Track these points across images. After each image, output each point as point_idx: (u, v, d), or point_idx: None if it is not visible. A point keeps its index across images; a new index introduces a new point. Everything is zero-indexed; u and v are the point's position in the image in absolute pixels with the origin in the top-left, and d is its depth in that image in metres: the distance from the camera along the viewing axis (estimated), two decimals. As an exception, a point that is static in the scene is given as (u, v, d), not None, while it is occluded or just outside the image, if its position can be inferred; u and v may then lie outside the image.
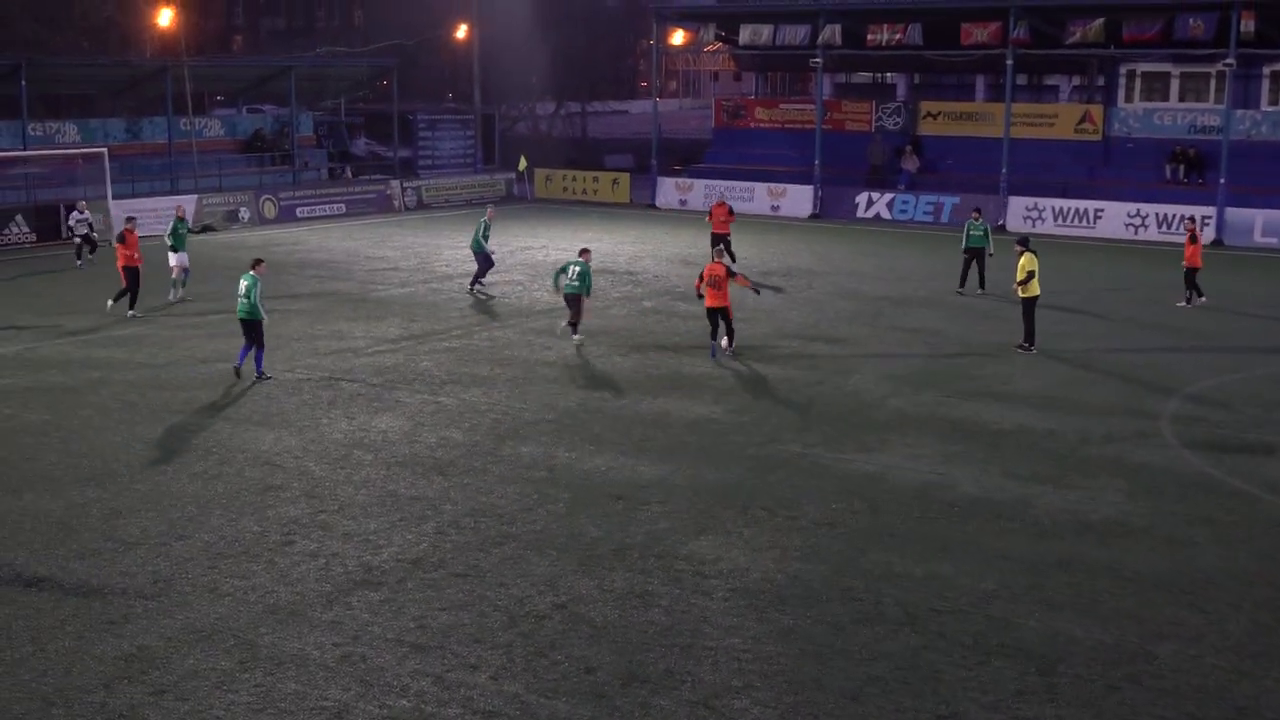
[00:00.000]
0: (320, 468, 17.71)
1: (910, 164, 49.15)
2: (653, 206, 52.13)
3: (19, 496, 16.44)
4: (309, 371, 23.29)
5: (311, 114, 57.79)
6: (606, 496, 16.54)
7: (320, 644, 12.31)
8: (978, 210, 32.94)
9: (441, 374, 23.16)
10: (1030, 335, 25.01)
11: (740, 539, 15.08)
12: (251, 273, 22.81)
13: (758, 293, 28.35)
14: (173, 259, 30.77)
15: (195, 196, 45.10)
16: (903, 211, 47.37)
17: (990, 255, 31.34)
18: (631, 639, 12.46)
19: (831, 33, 48.05)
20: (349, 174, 55.16)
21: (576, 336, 25.70)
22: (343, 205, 49.45)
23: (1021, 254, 24.91)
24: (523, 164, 55.07)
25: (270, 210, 46.67)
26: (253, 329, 22.45)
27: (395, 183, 52.53)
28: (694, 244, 40.78)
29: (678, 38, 58.68)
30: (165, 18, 56.22)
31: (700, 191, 51.59)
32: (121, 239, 28.35)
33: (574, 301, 25.71)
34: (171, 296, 30.46)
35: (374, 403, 21.13)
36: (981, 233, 31.44)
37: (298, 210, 47.59)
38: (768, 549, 14.76)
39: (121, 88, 52.43)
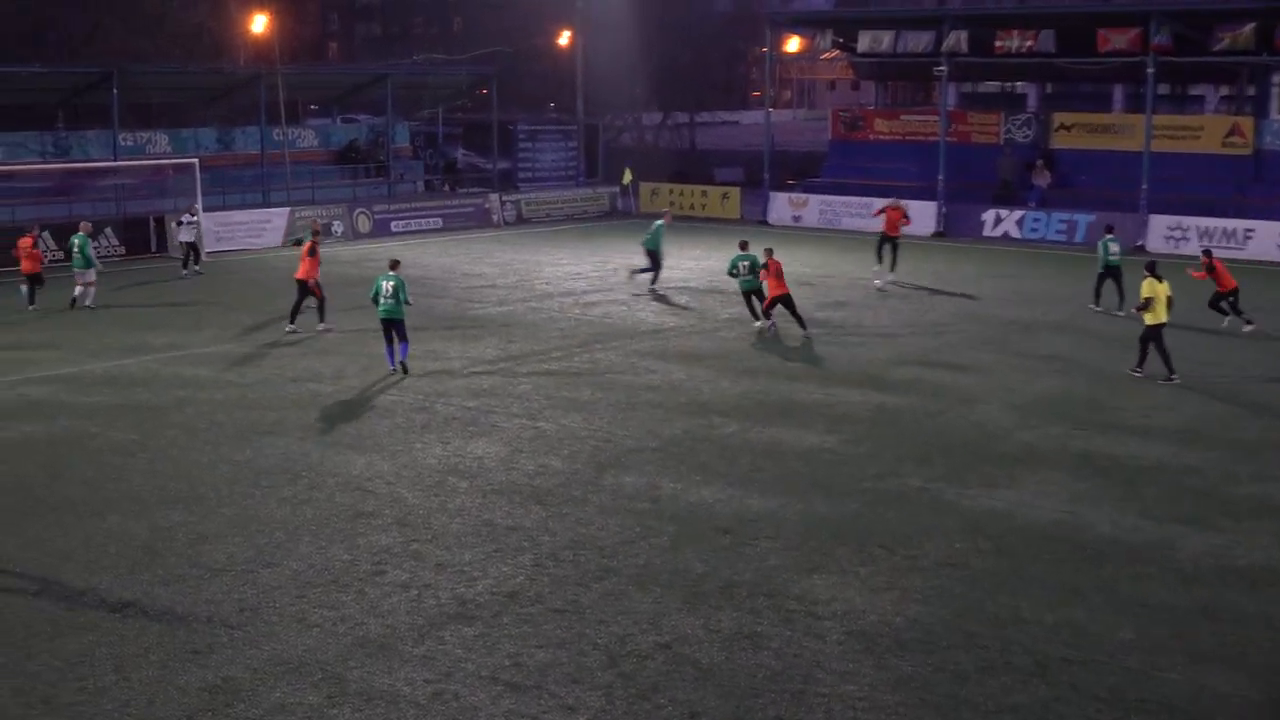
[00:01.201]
0: (413, 494, 17.87)
1: (1042, 179, 48.57)
2: (765, 223, 52.00)
3: (103, 518, 16.78)
4: (402, 393, 23.54)
5: (408, 124, 58.55)
6: (713, 530, 16.49)
7: (411, 680, 12.39)
8: (1110, 227, 32.52)
9: (540, 398, 23.28)
10: (1165, 363, 24.61)
11: (856, 578, 14.94)
12: (393, 273, 25.01)
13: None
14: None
15: (287, 209, 45.89)
16: (1033, 230, 46.79)
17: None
18: (739, 683, 12.39)
19: (957, 39, 47.67)
20: (448, 187, 55.78)
21: (762, 323, 29.29)
22: (439, 219, 50.00)
23: (1144, 279, 24.67)
24: (627, 177, 55.31)
25: (364, 224, 47.34)
26: (398, 327, 24.84)
27: (494, 196, 53.01)
28: (808, 262, 40.63)
29: (792, 45, 58.61)
30: (259, 24, 57.30)
31: (815, 207, 51.45)
32: (313, 251, 28.90)
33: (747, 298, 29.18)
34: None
35: (470, 427, 21.29)
36: (1116, 251, 31.19)
37: (392, 224, 48.20)
38: (885, 590, 14.61)
39: (213, 96, 53.54)
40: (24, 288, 32.59)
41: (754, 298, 29.63)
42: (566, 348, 27.68)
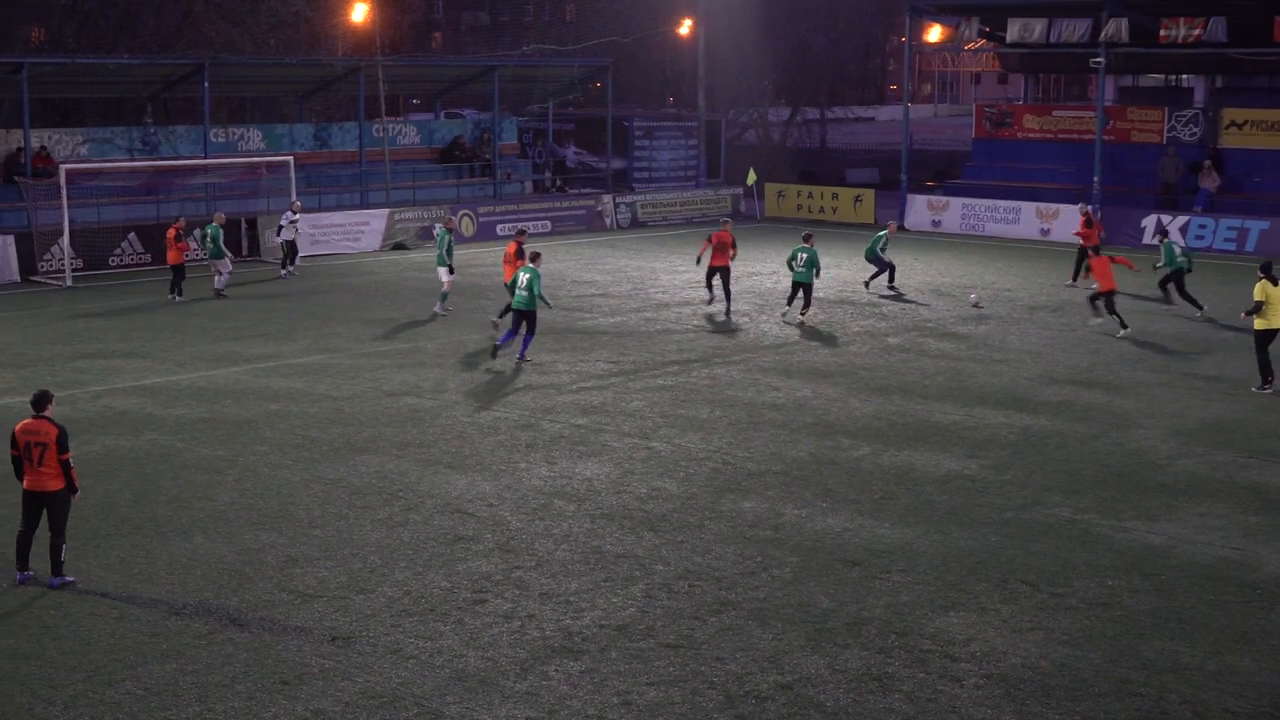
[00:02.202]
0: (516, 518, 18.03)
1: (1209, 182, 47.77)
2: (901, 228, 51.69)
3: (189, 539, 17.15)
4: (506, 409, 23.76)
5: (516, 119, 59.09)
6: (840, 562, 16.45)
7: (513, 717, 12.51)
8: (1165, 232, 32.69)
9: (654, 415, 23.38)
10: (1264, 372, 25.12)
11: (997, 617, 14.82)
12: (531, 265, 27.21)
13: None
14: (443, 275, 32.88)
15: (386, 211, 46.56)
16: (1199, 238, 46.00)
17: None
18: (867, 728, 12.35)
19: (1117, 28, 47.08)
20: (558, 184, 56.15)
21: (801, 316, 31.04)
22: (548, 222, 50.43)
23: (1258, 280, 24.89)
24: (751, 177, 55.32)
25: (468, 227, 47.85)
26: (529, 319, 26.99)
27: (607, 198, 53.33)
28: (947, 271, 40.37)
29: (934, 34, 58.36)
30: (359, 13, 58.26)
31: (957, 211, 51.11)
32: (523, 253, 29.58)
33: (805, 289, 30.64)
34: (438, 309, 33.00)
35: (578, 446, 21.44)
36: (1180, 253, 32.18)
37: (498, 227, 48.65)
38: (1029, 630, 14.47)
39: (310, 90, 54.48)
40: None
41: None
42: (683, 362, 27.76)
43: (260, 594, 15.38)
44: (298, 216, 39.71)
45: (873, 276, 36.96)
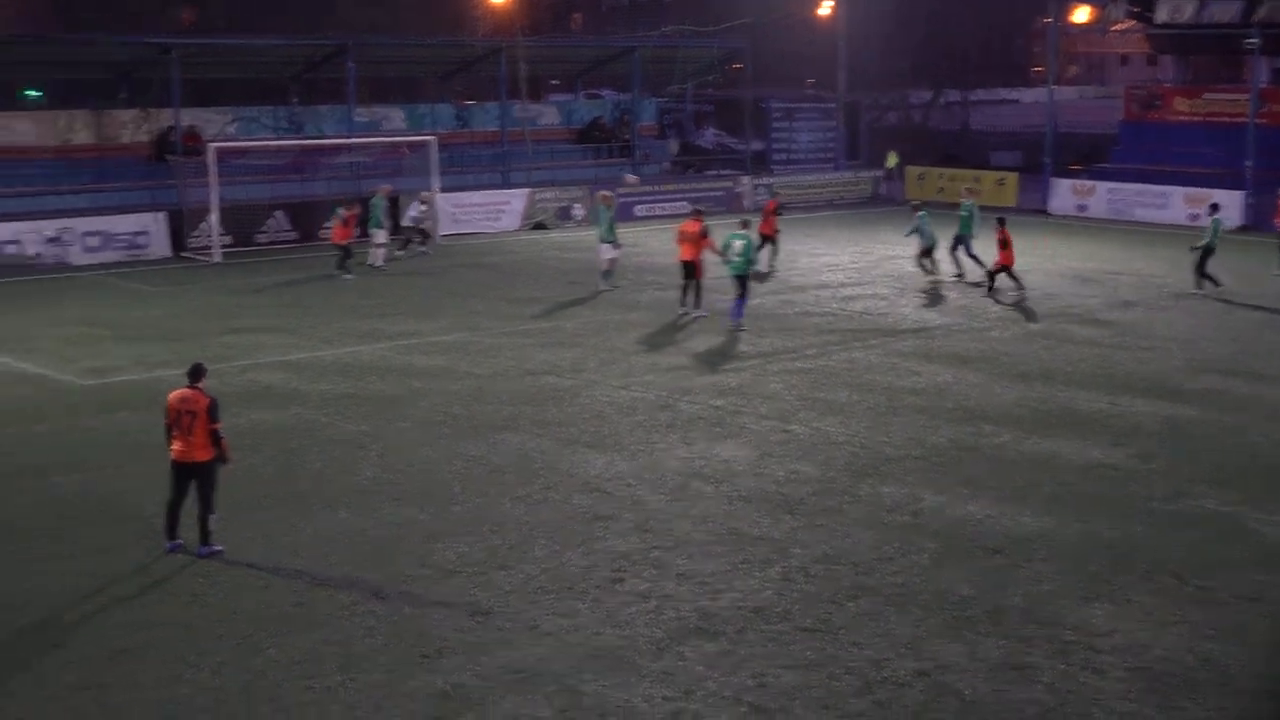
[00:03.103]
0: (654, 498, 18.10)
1: (1366, 167, 46.50)
2: (1045, 212, 51.04)
3: (334, 513, 17.44)
4: (645, 390, 23.85)
5: (655, 100, 59.12)
6: (981, 549, 16.30)
7: (649, 696, 12.58)
8: (1215, 205, 32.13)
9: (793, 398, 23.32)
10: None
11: (1140, 609, 14.59)
12: (742, 231, 29.06)
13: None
14: (607, 251, 33.45)
15: (526, 191, 46.89)
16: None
17: None
18: (1006, 718, 12.24)
19: (1271, 7, 45.96)
20: (691, 167, 56.11)
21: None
22: (686, 204, 50.36)
23: None
24: (892, 160, 54.98)
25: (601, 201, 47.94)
26: (744, 283, 28.71)
27: (746, 179, 53.23)
28: (1092, 256, 39.76)
29: (1081, 14, 57.44)
30: (500, -6, 58.64)
31: (1103, 196, 50.29)
32: (706, 232, 30.52)
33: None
34: (603, 285, 33.52)
35: (716, 428, 21.46)
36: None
37: (636, 209, 48.78)
38: (1174, 623, 14.23)
39: (451, 70, 55.00)
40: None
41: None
42: (822, 345, 27.65)
43: (402, 568, 15.60)
44: (425, 206, 40.20)
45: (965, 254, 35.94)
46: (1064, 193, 51.49)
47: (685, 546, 16.34)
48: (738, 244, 28.66)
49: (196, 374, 16.12)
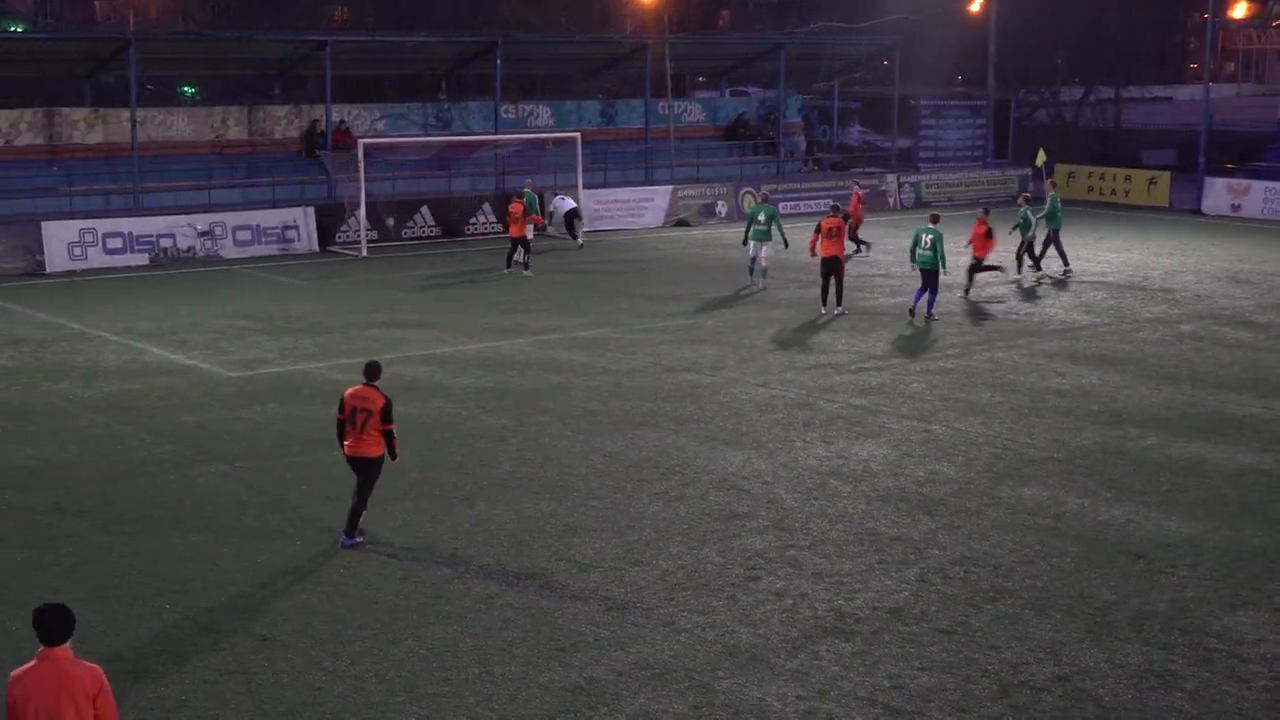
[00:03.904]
0: (791, 497, 18.04)
1: None
2: (1198, 212, 50.01)
3: (472, 505, 17.63)
4: (784, 388, 23.77)
5: (801, 97, 58.87)
6: (1124, 554, 16.03)
7: (782, 695, 12.54)
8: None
9: (934, 398, 23.11)
10: None
11: (1290, 619, 14.25)
12: (933, 226, 29.31)
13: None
14: (758, 249, 33.28)
15: (670, 188, 46.97)
16: None
17: None
18: (1147, 726, 12.03)
19: None
20: (827, 164, 55.60)
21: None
22: (830, 201, 50.08)
23: None
24: (1041, 158, 53.95)
25: (750, 204, 47.89)
26: (933, 277, 28.98)
27: (891, 177, 52.84)
28: (1247, 257, 38.89)
29: (1239, 10, 56.10)
30: (661, -8, 58.74)
31: (1259, 195, 49.12)
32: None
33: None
34: (758, 285, 33.39)
35: (855, 427, 21.34)
36: None
37: (780, 206, 48.58)
38: (1325, 634, 13.88)
39: (598, 67, 55.27)
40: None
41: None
42: (964, 345, 27.36)
43: (538, 562, 15.72)
44: (571, 201, 40.70)
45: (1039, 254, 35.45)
46: (1218, 192, 50.38)
47: (821, 545, 16.27)
48: (927, 238, 28.96)
49: (373, 372, 16.35)
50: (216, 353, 26.46)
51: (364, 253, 38.90)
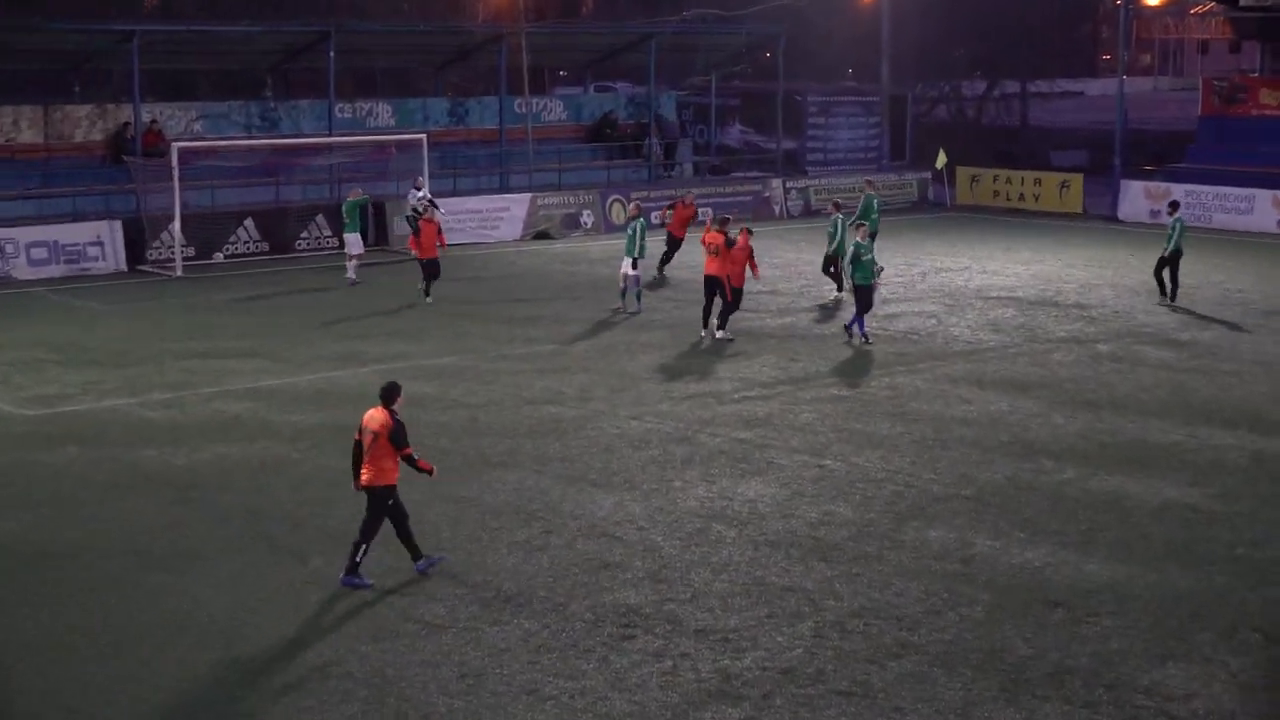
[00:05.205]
0: (670, 544, 17.99)
1: None
2: (1114, 219, 50.94)
3: (304, 560, 17.34)
4: (660, 420, 23.76)
5: (675, 94, 59.10)
6: (1041, 602, 16.16)
7: (662, 771, 12.45)
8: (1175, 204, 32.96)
9: (827, 430, 23.22)
10: None
11: (1224, 670, 14.45)
12: (862, 240, 29.86)
13: None
14: (628, 267, 33.07)
15: (528, 196, 46.89)
16: None
17: None
18: (1069, 795, 12.10)
19: (1370, -12, 45.88)
20: (668, 169, 55.55)
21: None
22: (709, 209, 50.26)
23: None
24: (941, 160, 54.90)
25: (619, 214, 47.93)
26: (869, 294, 29.67)
27: (776, 182, 53.21)
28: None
29: (1155, -4, 57.30)
30: (501, -25, 58.77)
31: (1179, 200, 49.99)
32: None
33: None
34: (634, 307, 33.13)
35: (740, 464, 21.36)
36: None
37: (654, 214, 48.56)
38: (1264, 688, 14.09)
39: (446, 60, 55.01)
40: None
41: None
42: (859, 369, 27.55)
43: (382, 623, 15.51)
44: (424, 191, 40.16)
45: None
46: (1136, 197, 51.37)
47: (704, 598, 16.23)
48: (864, 254, 29.60)
49: (388, 395, 16.70)
50: (9, 388, 25.90)
51: (179, 272, 38.35)
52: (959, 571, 17.09)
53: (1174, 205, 35.93)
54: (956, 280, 37.57)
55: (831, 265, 34.82)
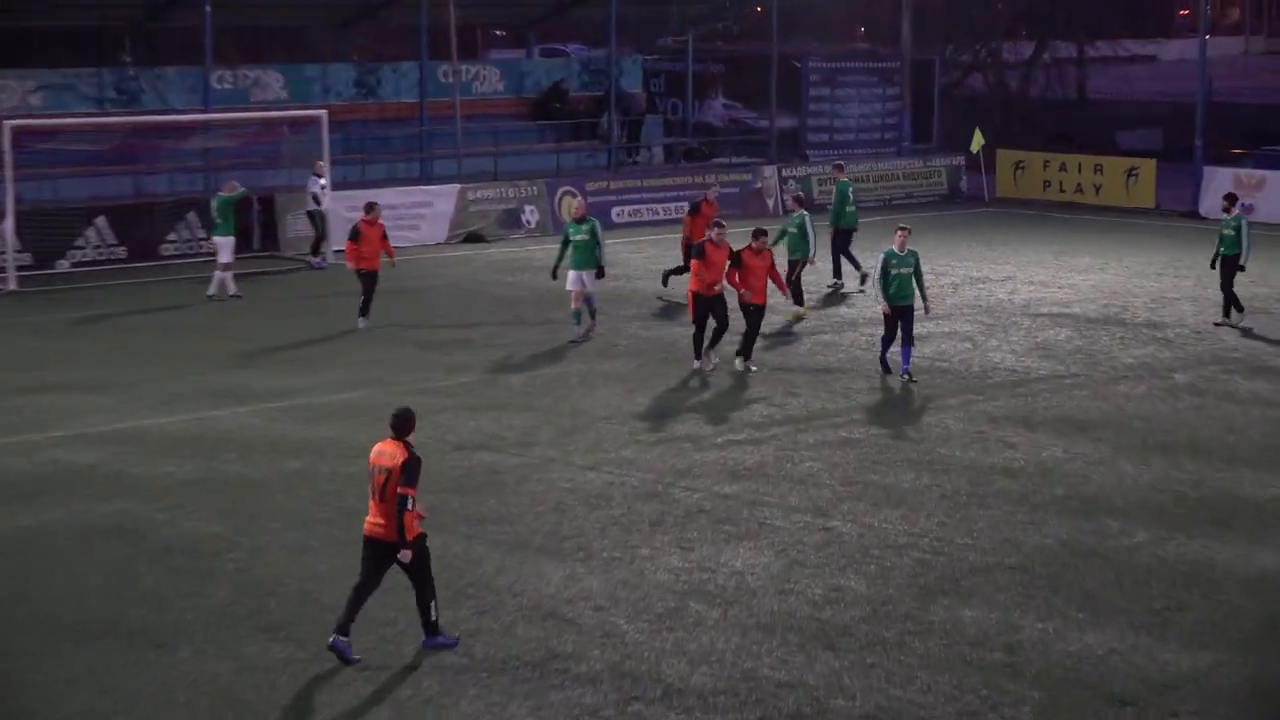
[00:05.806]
0: (635, 628, 17.95)
1: None
2: (1195, 215, 51.11)
3: (172, 651, 17.23)
4: (623, 471, 23.74)
5: (641, 59, 59.15)
6: (1103, 699, 16.18)
7: None
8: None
9: (834, 482, 23.24)
10: None
11: (1335, 785, 14.49)
12: (901, 251, 29.30)
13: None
14: (579, 281, 32.82)
15: (456, 188, 46.86)
16: None
17: None
18: None
19: None
20: (633, 158, 55.65)
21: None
22: (685, 205, 50.36)
23: None
24: (977, 142, 55.03)
25: (570, 211, 47.84)
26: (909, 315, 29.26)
27: (770, 170, 53.29)
28: (1263, 277, 39.81)
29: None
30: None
31: (1276, 191, 50.26)
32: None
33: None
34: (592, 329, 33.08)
35: (724, 525, 21.35)
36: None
37: (614, 211, 48.81)
38: (1384, 806, 14.11)
39: (350, 17, 54.99)
40: None
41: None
42: (877, 406, 27.59)
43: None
44: (326, 180, 40.08)
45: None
46: (1223, 187, 51.36)
47: (679, 697, 16.19)
48: (896, 266, 29.23)
49: (400, 424, 17.07)
50: None
51: (12, 285, 38.25)
52: (1001, 662, 17.09)
53: (1231, 199, 35.69)
54: (997, 293, 37.68)
55: (792, 273, 34.61)
